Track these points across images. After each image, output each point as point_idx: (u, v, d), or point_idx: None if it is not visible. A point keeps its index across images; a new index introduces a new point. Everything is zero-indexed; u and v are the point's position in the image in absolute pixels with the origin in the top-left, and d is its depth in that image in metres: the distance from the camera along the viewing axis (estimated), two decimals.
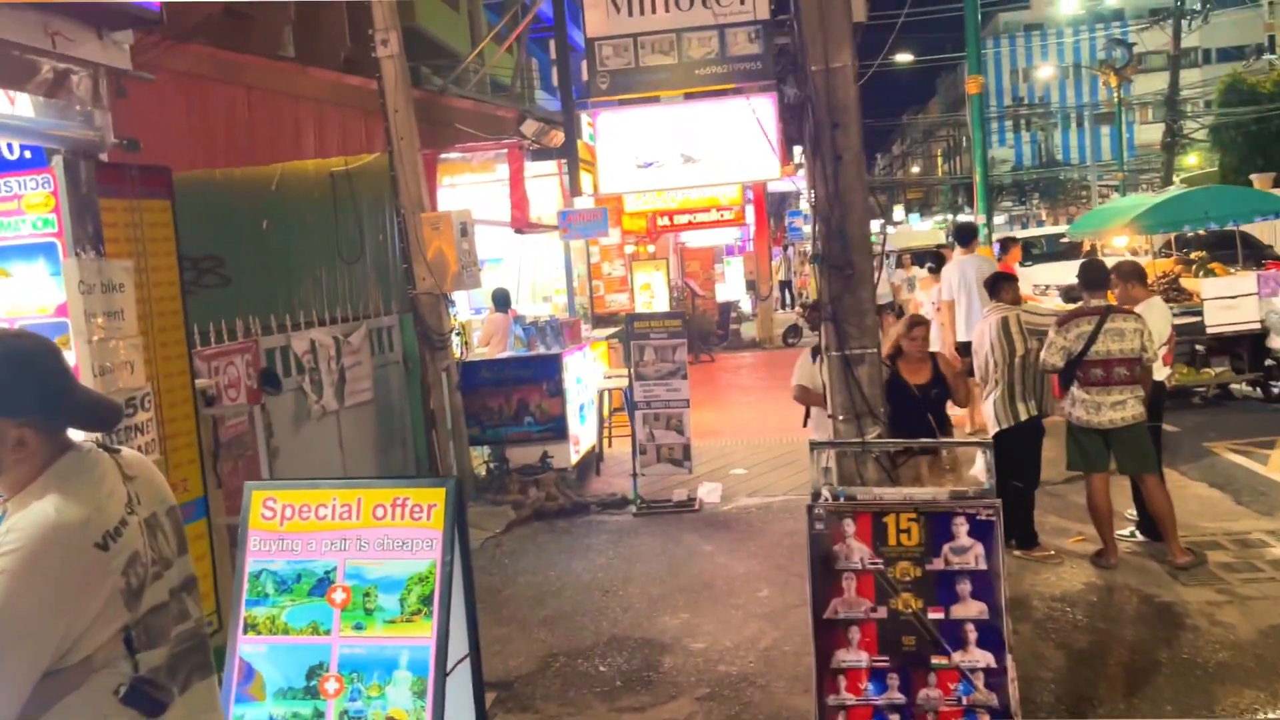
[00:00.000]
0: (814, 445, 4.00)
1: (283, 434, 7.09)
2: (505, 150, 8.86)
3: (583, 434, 9.72)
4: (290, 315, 7.60)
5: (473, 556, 7.94)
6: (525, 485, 8.78)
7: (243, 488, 6.51)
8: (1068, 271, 12.97)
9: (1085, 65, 55.09)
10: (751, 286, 21.49)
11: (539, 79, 22.38)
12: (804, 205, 45.74)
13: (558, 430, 9.13)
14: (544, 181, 10.20)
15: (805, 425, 7.14)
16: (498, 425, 9.17)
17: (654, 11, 8.93)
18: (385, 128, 8.40)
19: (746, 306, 26.19)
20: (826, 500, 3.83)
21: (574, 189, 9.75)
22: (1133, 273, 6.99)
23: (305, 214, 9.29)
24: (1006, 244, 11.98)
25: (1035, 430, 6.76)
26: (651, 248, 20.63)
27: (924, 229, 48.82)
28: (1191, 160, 43.37)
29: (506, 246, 13.16)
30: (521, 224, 8.85)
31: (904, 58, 36.72)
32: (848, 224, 3.85)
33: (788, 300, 30.54)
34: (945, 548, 3.66)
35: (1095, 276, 6.56)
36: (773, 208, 30.29)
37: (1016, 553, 6.67)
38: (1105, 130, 71.18)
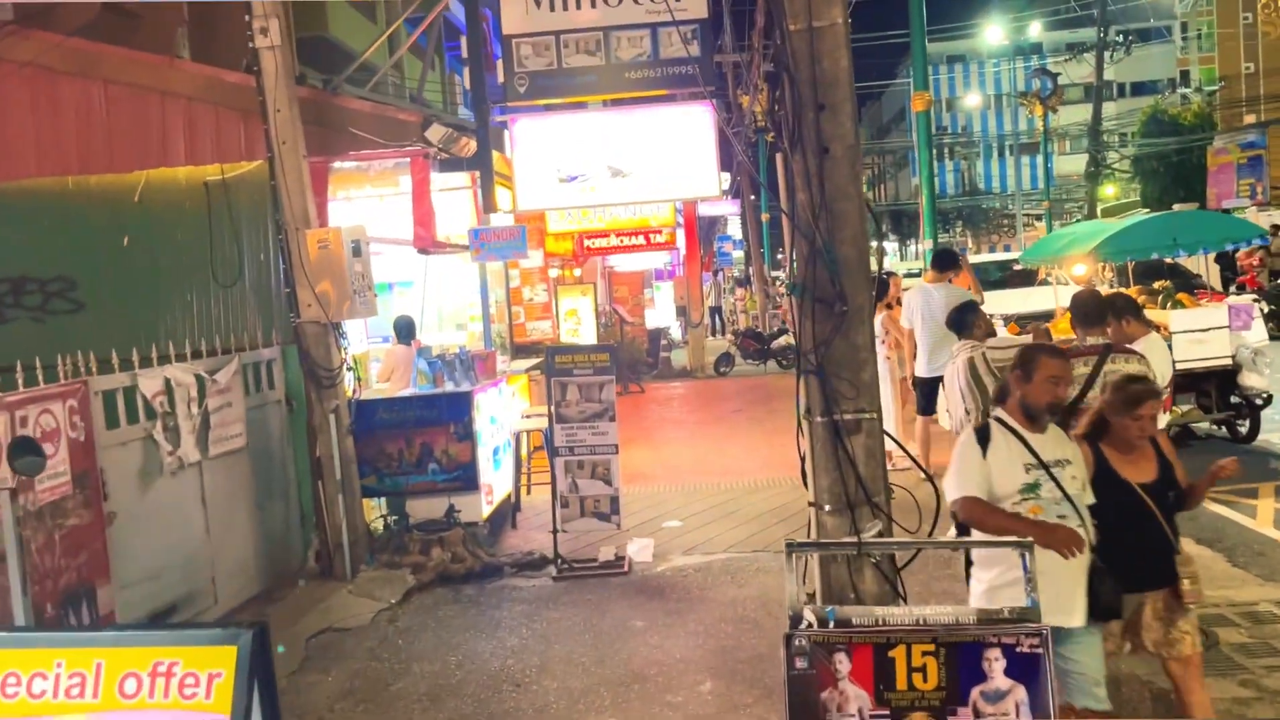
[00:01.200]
0: (791, 547, 2.93)
1: (124, 495, 5.84)
2: (408, 159, 7.73)
3: (497, 482, 8.57)
4: (157, 346, 6.36)
5: (361, 635, 6.80)
6: (428, 544, 7.60)
7: (63, 570, 5.26)
8: (1020, 300, 12.24)
9: (1011, 93, 55.56)
10: (682, 313, 20.54)
11: (461, 97, 21.25)
12: (734, 230, 45.14)
13: (467, 479, 7.98)
14: (454, 196, 9.09)
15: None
16: (397, 474, 7.98)
17: (578, 7, 7.93)
18: (265, 130, 7.21)
19: (676, 333, 25.25)
20: (810, 626, 2.77)
21: (488, 205, 8.67)
22: (1128, 306, 6.12)
23: (174, 230, 8.04)
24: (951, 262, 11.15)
25: None
26: (578, 271, 19.59)
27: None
28: (1109, 191, 43.76)
29: (417, 269, 11.99)
30: (426, 243, 7.72)
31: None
32: (838, 241, 2.86)
33: (718, 326, 29.71)
34: (974, 693, 2.64)
35: (1091, 310, 5.67)
36: (702, 232, 29.49)
37: None
38: (1026, 160, 72.43)
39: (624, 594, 6.94)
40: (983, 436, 3.68)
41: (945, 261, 9.05)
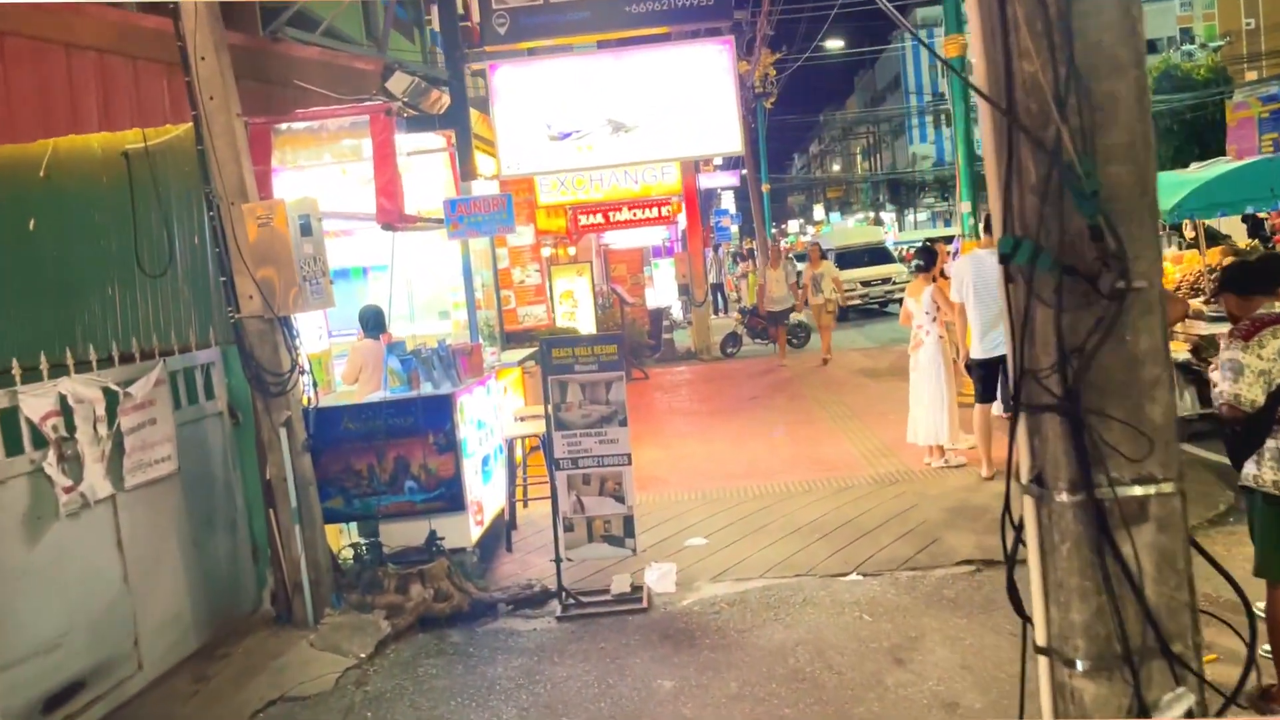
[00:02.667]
0: None
1: (2, 548, 4.54)
2: (366, 117, 6.39)
3: (487, 497, 7.29)
4: (73, 350, 5.07)
5: (321, 708, 5.36)
6: (406, 579, 6.31)
7: None
8: None
9: None
10: (685, 291, 19.23)
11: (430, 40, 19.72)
12: (726, 204, 43.66)
13: (451, 498, 6.70)
14: (425, 162, 7.75)
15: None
16: (367, 494, 6.69)
17: None
18: (188, 83, 5.88)
19: (678, 313, 23.94)
20: None
21: (466, 171, 7.34)
22: None
23: (90, 209, 6.69)
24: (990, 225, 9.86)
25: None
26: (572, 250, 18.27)
27: (865, 227, 47.10)
28: None
29: (392, 250, 10.66)
30: (391, 217, 6.39)
31: (834, 44, 34.81)
32: (1101, 153, 1.54)
33: (720, 305, 28.39)
34: None
35: (1273, 270, 4.34)
36: (700, 205, 28.11)
37: None
38: None
39: (645, 640, 5.67)
40: None
41: None
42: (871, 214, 74.74)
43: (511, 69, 6.99)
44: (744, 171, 31.73)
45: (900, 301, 26.18)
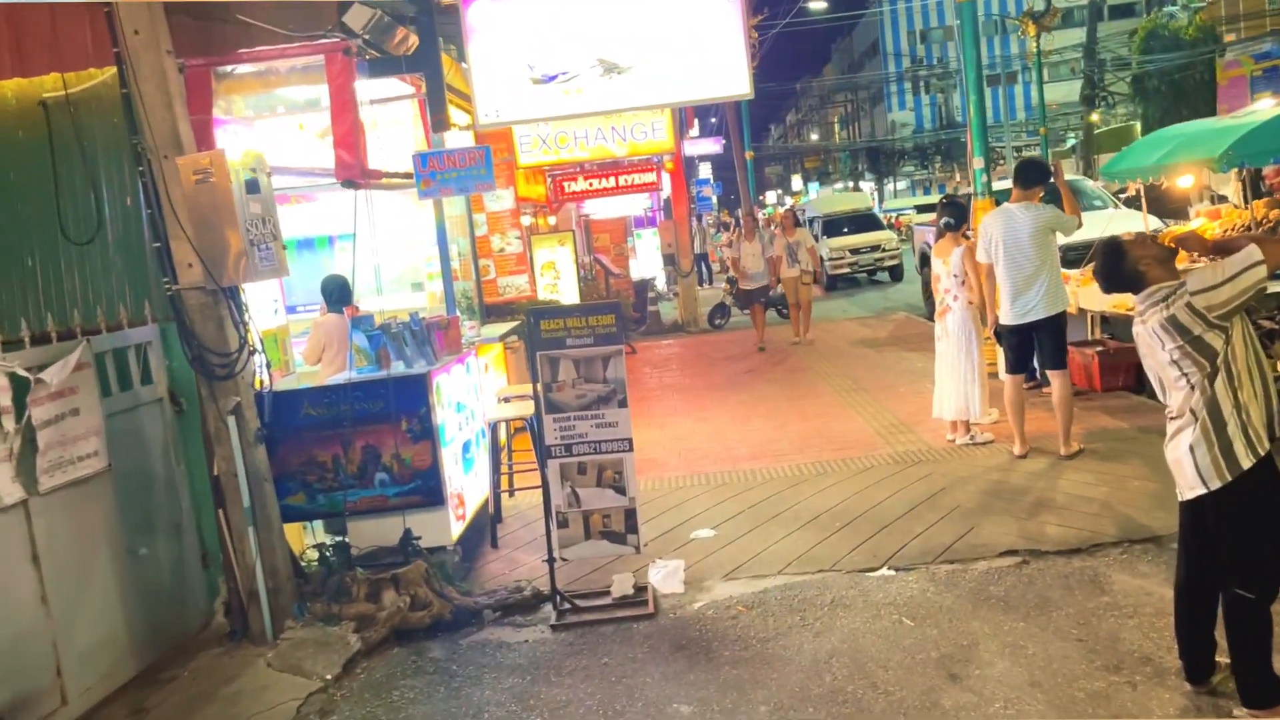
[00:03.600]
0: None
1: None
2: (321, 57, 5.55)
3: (469, 488, 6.52)
4: None
5: None
6: (378, 585, 5.54)
7: None
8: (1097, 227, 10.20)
9: (1000, 15, 53.27)
10: (671, 261, 18.44)
11: None
12: (706, 174, 42.76)
13: (428, 491, 5.92)
14: (393, 113, 6.91)
15: None
16: (333, 489, 5.90)
17: None
18: (107, 15, 5.02)
19: (661, 284, 23.14)
20: None
21: (439, 121, 6.51)
22: None
23: (3, 168, 5.86)
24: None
25: (1269, 482, 3.76)
26: (553, 219, 17.42)
27: (852, 193, 46.34)
28: (1093, 117, 41.51)
29: (354, 210, 9.82)
30: (352, 172, 5.56)
31: (818, 5, 33.89)
32: None
33: (704, 275, 27.61)
34: None
35: None
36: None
37: (1243, 713, 3.76)
38: (1002, 92, 70.18)
39: (654, 651, 4.93)
40: None
41: (1033, 174, 6.96)
42: (851, 183, 73.97)
43: (489, 2, 6.16)
44: (723, 141, 30.90)
45: (891, 269, 25.75)
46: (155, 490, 5.42)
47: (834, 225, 25.29)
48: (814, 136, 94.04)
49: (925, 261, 16.76)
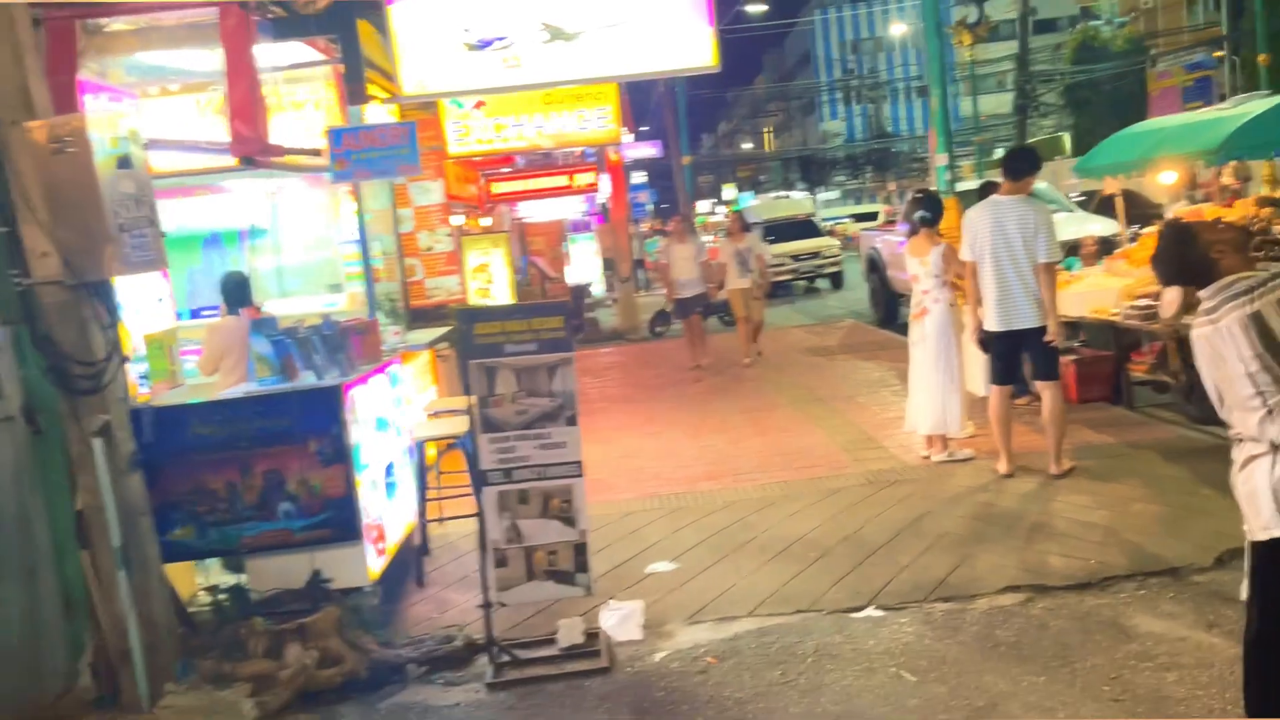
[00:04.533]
0: None
1: None
2: (215, 10, 4.67)
3: (391, 518, 5.65)
4: None
5: None
6: (281, 638, 4.66)
7: None
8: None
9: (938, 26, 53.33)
10: (610, 266, 17.68)
11: None
12: (637, 180, 42.11)
13: (341, 523, 5.05)
14: (308, 92, 6.03)
15: None
16: (227, 521, 5.00)
17: None
18: None
19: (599, 290, 22.38)
20: None
21: (355, 93, 5.65)
22: None
23: None
24: (985, 191, 8.56)
25: None
26: (485, 220, 16.53)
27: (791, 199, 46.08)
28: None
29: (274, 205, 8.93)
30: (251, 148, 4.68)
31: (756, 8, 33.51)
32: None
33: (642, 282, 26.89)
34: None
35: None
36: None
37: None
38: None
39: (611, 717, 4.13)
40: None
41: (1024, 163, 6.32)
42: (784, 193, 74.07)
43: None
44: (661, 144, 30.29)
45: (832, 276, 25.31)
46: (4, 527, 4.46)
47: (774, 231, 24.75)
48: (746, 146, 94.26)
49: (873, 267, 16.25)
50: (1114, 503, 5.80)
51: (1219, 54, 27.03)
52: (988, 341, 6.35)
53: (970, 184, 14.28)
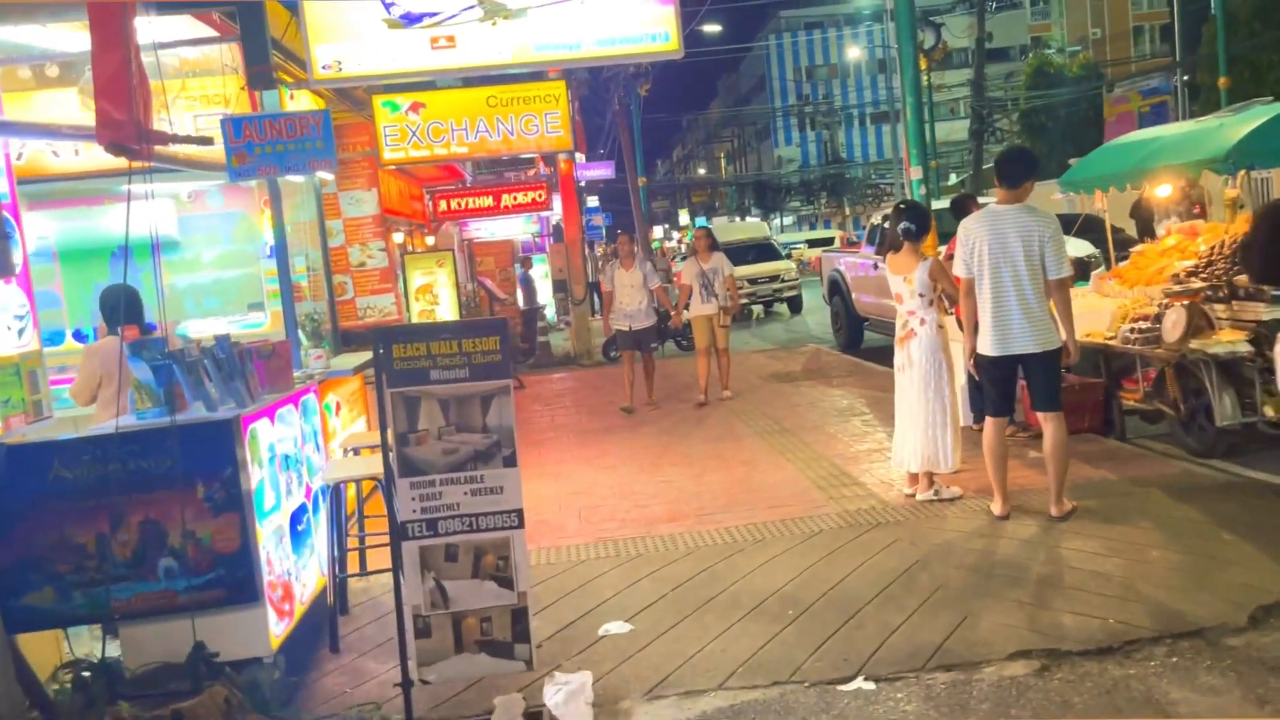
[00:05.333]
0: None
1: None
2: None
3: (300, 573, 4.84)
4: None
5: None
6: None
7: None
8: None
9: (887, 56, 53.74)
10: (562, 288, 16.95)
11: None
12: (589, 202, 41.49)
13: (235, 582, 4.24)
14: (193, 64, 5.24)
15: None
16: (96, 581, 4.17)
17: None
18: None
19: (551, 313, 21.61)
20: None
21: (259, 77, 4.87)
22: None
23: None
24: (961, 204, 7.99)
25: None
26: (430, 238, 15.78)
27: (748, 222, 45.78)
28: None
29: (193, 217, 8.13)
30: (120, 133, 3.88)
31: (711, 28, 33.18)
32: None
33: (597, 305, 26.16)
34: None
35: None
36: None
37: None
38: (886, 129, 71.37)
39: None
40: None
41: (1020, 167, 5.64)
42: (737, 218, 73.98)
43: None
44: (613, 164, 29.71)
45: (790, 300, 24.76)
46: None
47: (731, 255, 24.10)
48: (701, 171, 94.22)
49: (835, 290, 15.69)
50: (1127, 549, 5.15)
51: (1187, 77, 27.01)
52: (981, 367, 5.69)
53: (940, 204, 13.81)
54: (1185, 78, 29.99)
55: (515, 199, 16.11)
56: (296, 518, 4.93)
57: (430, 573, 3.92)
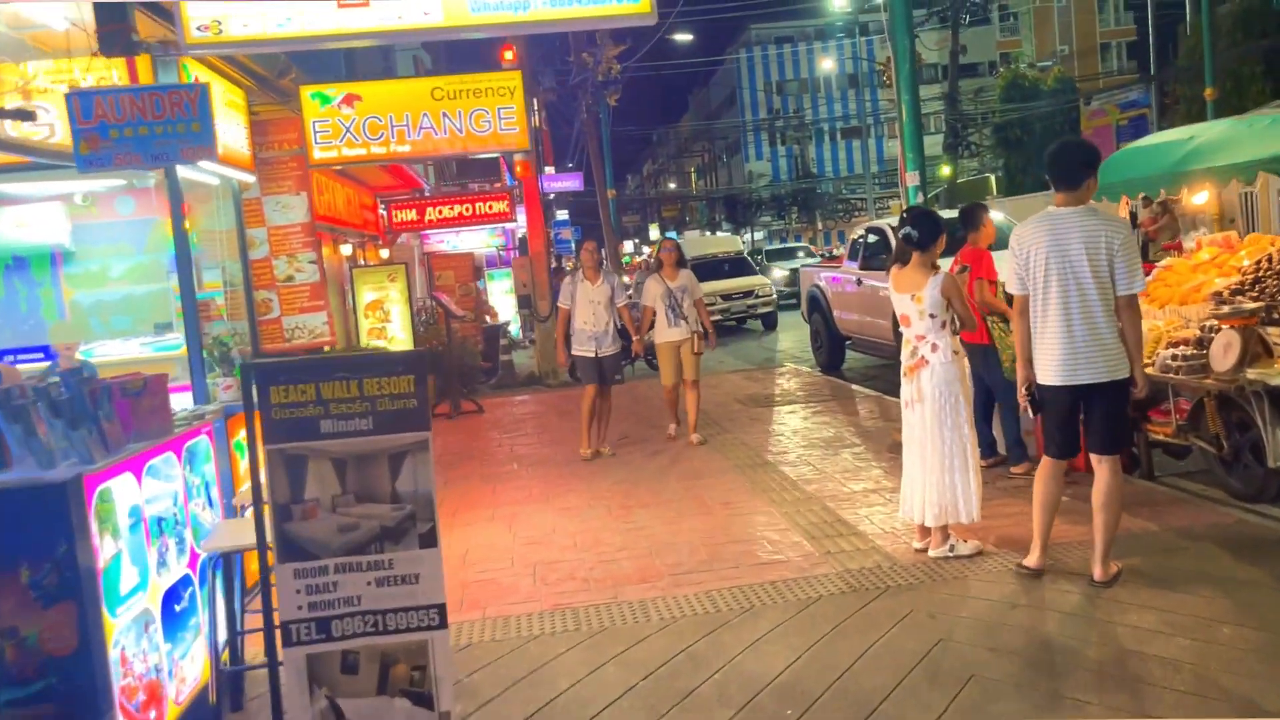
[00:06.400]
0: None
1: None
2: None
3: (173, 670, 3.84)
4: None
5: None
6: None
7: None
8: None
9: (861, 70, 53.43)
10: (526, 304, 15.98)
11: None
12: (559, 215, 40.54)
13: (71, 694, 3.25)
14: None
15: None
16: None
17: None
18: None
19: (515, 330, 20.63)
20: None
21: (116, 37, 3.88)
22: None
23: None
24: (973, 212, 7.16)
25: None
26: (385, 251, 14.79)
27: (720, 235, 45.11)
28: (944, 171, 41.39)
29: (91, 223, 7.18)
30: None
31: (682, 36, 32.49)
32: None
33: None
34: None
35: None
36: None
37: None
38: (857, 144, 71.02)
39: None
40: None
41: (1079, 163, 4.77)
42: (708, 232, 73.30)
43: None
44: (581, 175, 28.82)
45: (764, 317, 23.89)
46: None
47: (703, 269, 23.30)
48: (671, 186, 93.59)
49: (815, 307, 14.83)
50: (1192, 626, 4.26)
51: (1175, 87, 26.47)
52: (1042, 400, 4.80)
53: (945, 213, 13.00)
54: (1155, 92, 29.58)
55: (476, 209, 15.15)
56: (174, 595, 3.93)
57: (321, 689, 2.95)
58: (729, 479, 7.61)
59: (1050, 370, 4.66)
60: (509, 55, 13.71)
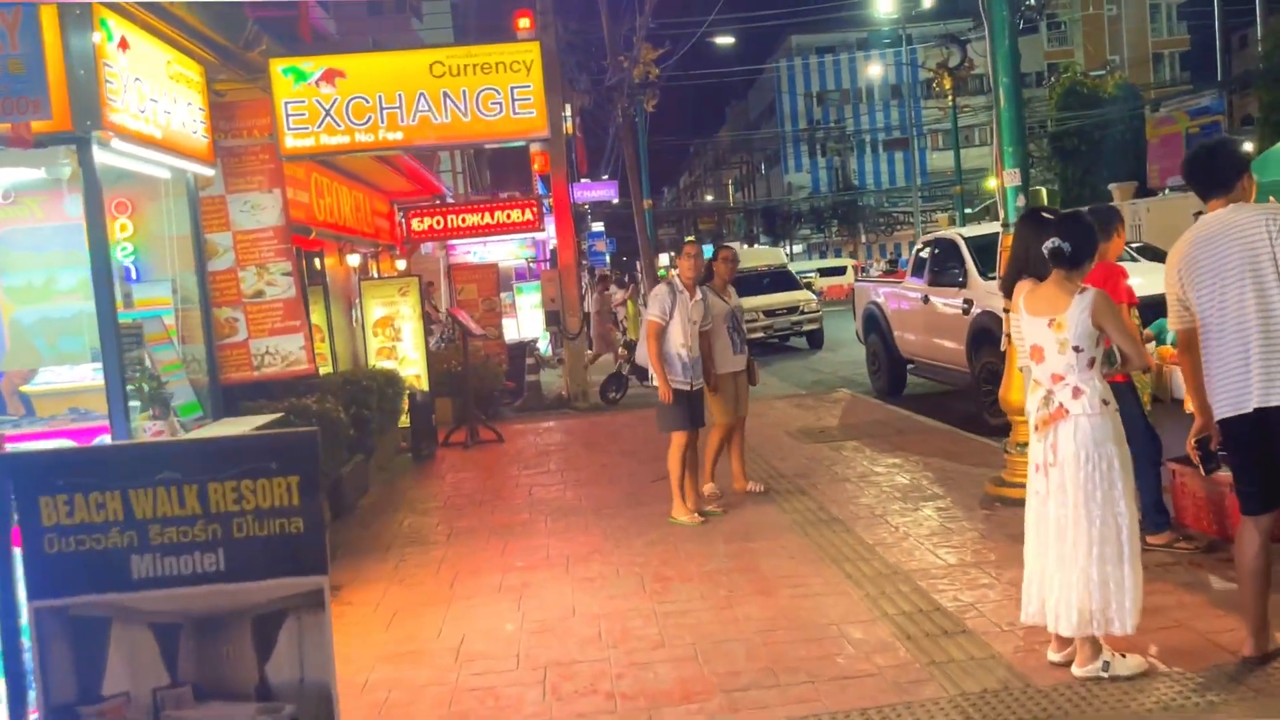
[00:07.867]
0: None
1: None
2: None
3: None
4: None
5: None
6: None
7: None
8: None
9: (921, 65, 51.86)
10: (554, 320, 14.75)
11: None
12: (595, 226, 39.37)
13: None
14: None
15: None
16: None
17: None
18: None
19: (545, 347, 19.40)
20: None
21: None
22: None
23: None
24: (1107, 217, 5.77)
25: None
26: (402, 263, 13.62)
27: (763, 248, 43.81)
28: (993, 183, 39.85)
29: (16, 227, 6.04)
30: None
31: (723, 40, 31.29)
32: None
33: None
34: None
35: None
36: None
37: None
38: (899, 156, 69.41)
39: None
40: None
41: (1227, 165, 3.58)
42: (746, 245, 72.03)
43: None
44: (616, 184, 27.65)
45: (810, 335, 22.49)
46: None
47: (745, 283, 21.96)
48: (708, 198, 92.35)
49: (873, 327, 13.45)
50: None
51: (1256, 93, 24.85)
52: (1232, 437, 3.54)
53: (986, 229, 11.63)
54: (1226, 97, 27.95)
55: (498, 218, 13.97)
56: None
57: None
58: (789, 541, 6.27)
59: (1235, 394, 3.55)
60: (524, 23, 11.96)
